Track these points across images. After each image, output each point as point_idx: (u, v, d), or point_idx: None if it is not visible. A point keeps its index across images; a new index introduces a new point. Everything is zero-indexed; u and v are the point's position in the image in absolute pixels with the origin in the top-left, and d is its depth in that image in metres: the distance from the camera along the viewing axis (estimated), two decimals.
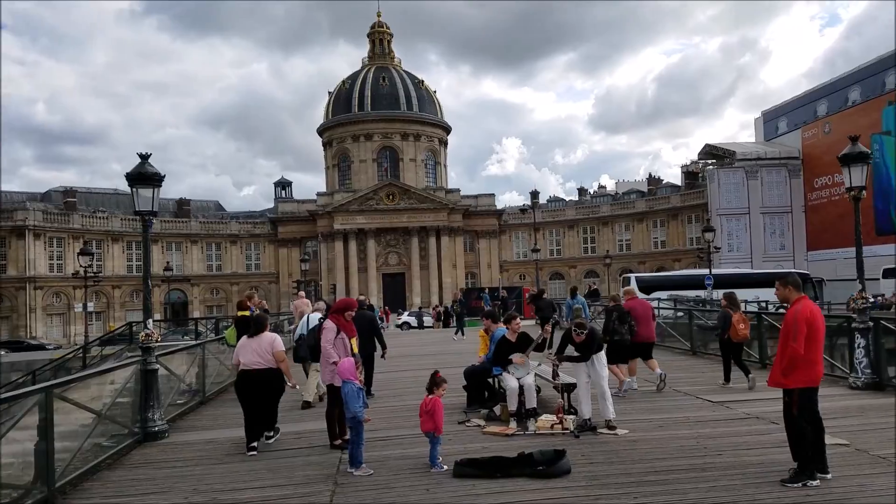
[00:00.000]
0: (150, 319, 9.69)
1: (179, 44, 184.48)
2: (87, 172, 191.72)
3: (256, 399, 8.35)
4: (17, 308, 55.00)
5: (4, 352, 41.64)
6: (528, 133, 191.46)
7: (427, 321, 44.55)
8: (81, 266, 38.23)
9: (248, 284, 61.15)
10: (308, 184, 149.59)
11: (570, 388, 9.00)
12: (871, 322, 10.59)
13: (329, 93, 77.75)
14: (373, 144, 72.03)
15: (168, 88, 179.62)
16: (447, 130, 78.61)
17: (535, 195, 72.29)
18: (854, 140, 11.16)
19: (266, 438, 8.51)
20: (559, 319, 22.68)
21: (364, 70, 75.36)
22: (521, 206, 69.02)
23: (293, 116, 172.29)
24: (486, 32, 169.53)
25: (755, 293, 31.21)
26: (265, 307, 14.84)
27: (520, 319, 9.72)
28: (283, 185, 75.47)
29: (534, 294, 27.05)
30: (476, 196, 72.22)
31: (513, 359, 9.01)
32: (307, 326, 11.28)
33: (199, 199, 77.85)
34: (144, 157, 9.50)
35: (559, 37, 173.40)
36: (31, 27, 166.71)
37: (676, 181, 75.54)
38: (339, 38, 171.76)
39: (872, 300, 19.17)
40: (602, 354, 8.78)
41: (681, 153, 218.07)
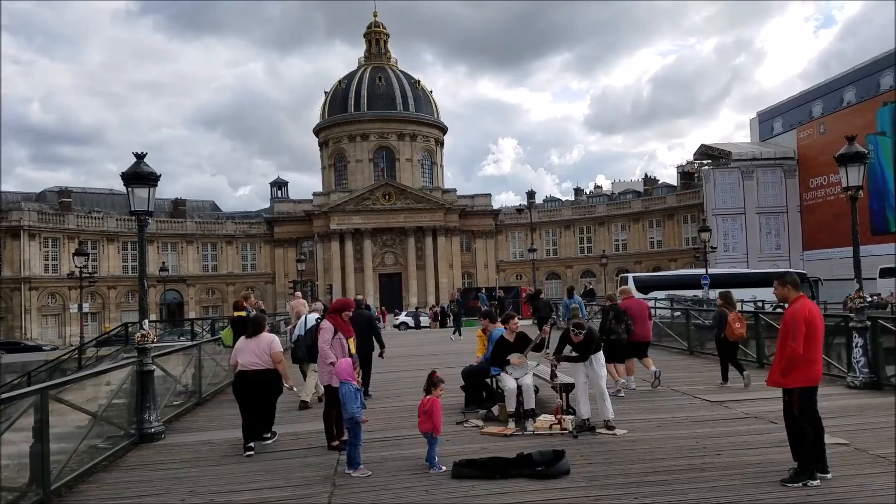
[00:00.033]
0: (146, 320, 9.63)
1: (175, 43, 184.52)
2: (83, 172, 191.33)
3: (254, 400, 8.30)
4: (12, 309, 54.76)
5: (1, 353, 41.42)
6: (524, 133, 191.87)
7: (424, 321, 44.57)
8: (77, 266, 38.12)
9: (244, 285, 60.98)
10: (304, 184, 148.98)
11: (569, 389, 8.98)
12: (869, 321, 10.61)
13: (325, 93, 77.68)
14: (369, 144, 71.95)
15: (164, 88, 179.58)
16: (443, 130, 78.55)
17: (532, 195, 72.34)
18: (851, 140, 11.17)
19: (263, 440, 8.48)
20: (556, 319, 22.70)
21: (360, 70, 75.29)
22: (518, 206, 69.03)
23: (289, 116, 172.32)
24: (482, 33, 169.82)
25: (752, 293, 31.35)
26: (261, 307, 14.80)
27: (518, 319, 9.69)
28: (280, 185, 75.41)
29: (531, 294, 27.07)
30: (472, 196, 72.21)
31: (510, 359, 8.98)
32: (305, 327, 11.24)
33: (195, 200, 77.61)
34: (140, 157, 9.43)
35: (555, 37, 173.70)
36: (27, 26, 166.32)
37: (672, 181, 75.66)
38: (336, 38, 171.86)
39: (870, 300, 19.23)
40: (600, 355, 8.77)
41: (676, 153, 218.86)
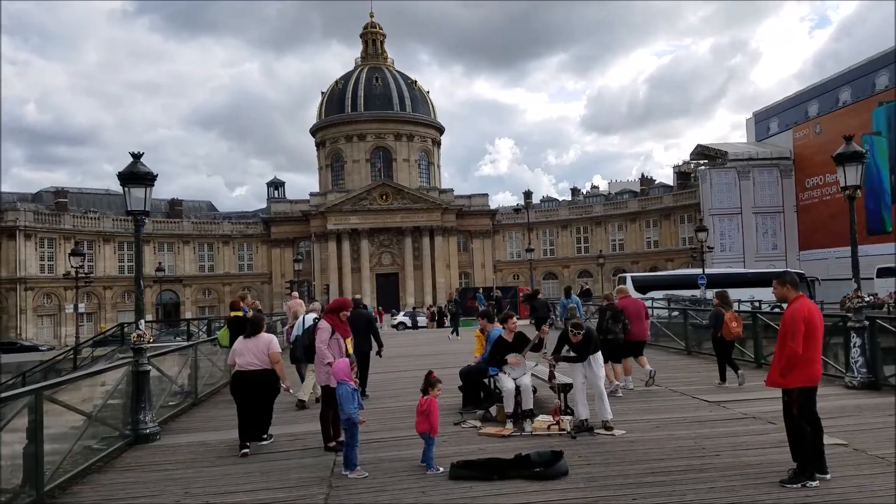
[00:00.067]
0: (143, 320, 9.58)
1: (171, 44, 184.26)
2: (79, 173, 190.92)
3: (252, 400, 8.25)
4: (8, 309, 54.56)
5: None
6: (521, 134, 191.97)
7: (421, 321, 44.55)
8: (72, 267, 37.99)
9: (241, 285, 60.95)
10: (301, 184, 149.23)
11: (567, 389, 8.94)
12: (867, 321, 10.58)
13: (322, 93, 77.57)
14: (366, 145, 71.87)
15: (160, 88, 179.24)
16: (440, 131, 78.51)
17: (529, 195, 71.86)
18: (848, 139, 11.16)
19: (260, 441, 8.42)
20: (554, 319, 22.68)
21: (357, 70, 75.21)
22: (515, 206, 68.91)
23: (285, 116, 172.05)
24: (479, 33, 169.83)
25: (750, 293, 31.41)
26: (258, 307, 14.74)
27: (516, 319, 9.65)
28: (276, 186, 75.34)
29: (528, 294, 27.04)
30: (469, 196, 72.15)
31: (508, 359, 8.94)
32: (303, 327, 11.20)
33: (191, 200, 77.59)
34: (137, 157, 9.38)
35: (551, 37, 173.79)
36: (22, 26, 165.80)
37: (669, 181, 75.67)
38: (332, 39, 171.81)
39: (868, 299, 19.24)
40: (599, 355, 8.73)
41: (672, 154, 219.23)
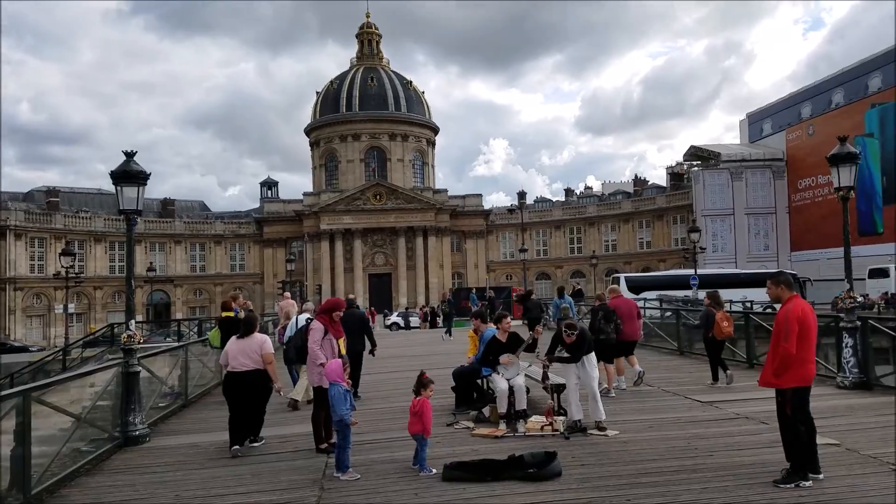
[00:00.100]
0: (133, 321, 9.49)
1: (166, 43, 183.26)
2: (71, 172, 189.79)
3: (244, 401, 8.19)
4: None
5: None
6: (515, 134, 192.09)
7: (414, 321, 44.47)
8: (63, 267, 37.73)
9: (233, 285, 60.62)
10: (294, 184, 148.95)
11: (560, 389, 8.92)
12: (859, 322, 10.60)
13: (317, 93, 77.38)
14: (360, 144, 71.75)
15: (155, 88, 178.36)
16: (435, 131, 78.44)
17: (522, 195, 72.29)
18: (843, 140, 11.17)
19: (250, 442, 8.36)
20: (547, 320, 22.67)
21: (352, 70, 75.07)
22: (509, 207, 69.02)
23: (280, 116, 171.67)
24: (474, 34, 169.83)
25: (743, 293, 31.52)
26: (250, 308, 14.65)
27: (510, 319, 9.62)
28: (270, 185, 75.00)
29: (521, 295, 26.99)
30: (463, 196, 72.10)
31: (500, 359, 8.90)
32: (296, 328, 11.14)
33: (184, 200, 77.16)
34: (130, 155, 9.31)
35: (546, 39, 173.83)
36: (16, 25, 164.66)
37: (662, 182, 75.94)
38: (328, 39, 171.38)
39: (860, 300, 19.29)
40: (592, 355, 8.70)
41: (666, 155, 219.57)
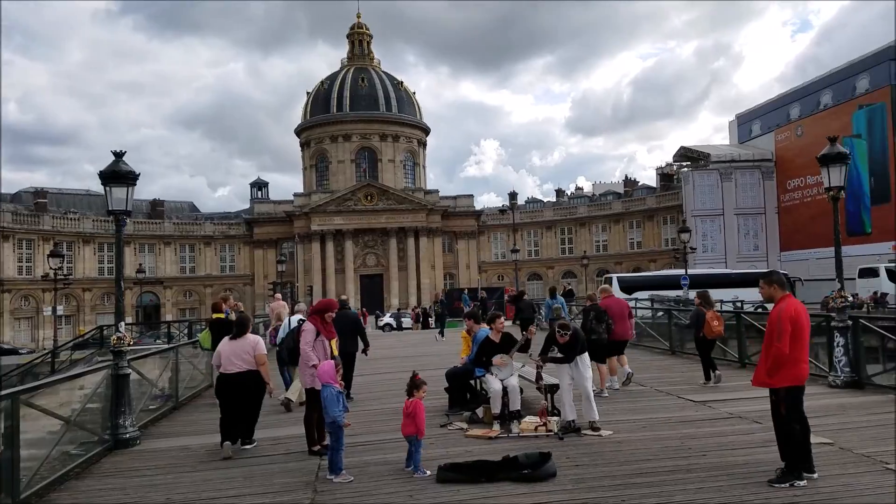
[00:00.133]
0: (123, 322, 9.41)
1: (155, 43, 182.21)
2: (59, 173, 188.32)
3: (237, 402, 8.13)
4: None
5: None
6: (506, 135, 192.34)
7: (406, 322, 44.41)
8: (51, 268, 37.40)
9: (223, 287, 60.32)
10: (285, 184, 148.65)
11: (554, 390, 8.89)
12: (850, 321, 10.64)
13: (307, 93, 77.12)
14: (351, 145, 71.57)
15: (143, 88, 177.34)
16: (426, 132, 78.36)
17: (514, 196, 71.92)
18: (833, 141, 11.21)
19: (242, 444, 8.29)
20: (539, 320, 22.66)
21: (343, 71, 74.88)
22: (500, 207, 68.94)
23: (270, 117, 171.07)
24: (465, 35, 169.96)
25: (734, 293, 31.66)
26: (241, 309, 14.57)
27: (503, 319, 9.59)
28: (260, 186, 74.66)
29: (513, 295, 26.97)
30: (455, 197, 72.01)
31: (493, 360, 8.87)
32: (289, 329, 11.09)
33: (173, 200, 76.72)
34: (119, 155, 9.22)
35: (536, 40, 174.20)
36: (4, 25, 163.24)
37: (652, 183, 76.09)
38: (318, 39, 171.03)
39: (850, 299, 19.41)
40: (586, 356, 8.69)
41: (655, 155, 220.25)
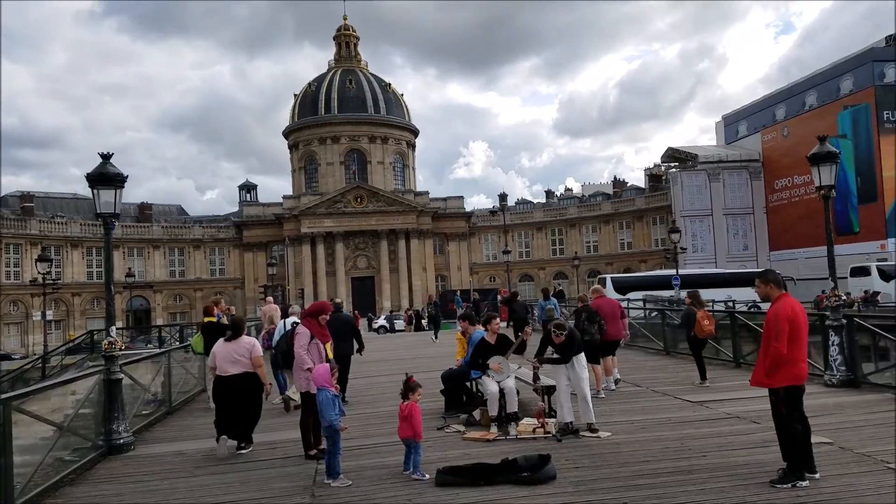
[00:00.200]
0: (113, 327, 9.29)
1: (140, 45, 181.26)
2: (45, 177, 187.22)
3: (235, 405, 8.07)
4: None
5: None
6: (494, 137, 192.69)
7: (399, 324, 44.33)
8: (39, 273, 37.03)
9: (213, 290, 60.16)
10: (273, 187, 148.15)
11: (551, 391, 8.85)
12: (845, 319, 10.65)
13: (295, 95, 76.90)
14: (340, 147, 71.39)
15: (128, 91, 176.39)
16: (415, 133, 78.29)
17: (504, 197, 72.24)
18: (822, 140, 11.24)
19: (238, 449, 8.21)
20: (532, 322, 22.64)
21: (330, 72, 74.72)
22: (491, 209, 69.02)
23: (257, 119, 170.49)
24: (451, 37, 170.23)
25: (727, 292, 31.79)
26: (232, 313, 14.46)
27: (499, 320, 9.54)
28: (248, 189, 74.22)
29: (505, 297, 26.92)
30: (445, 199, 71.96)
31: (490, 365, 8.81)
32: (284, 331, 11.00)
33: (161, 204, 76.24)
34: (106, 157, 9.10)
35: (523, 42, 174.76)
36: None
37: (640, 184, 76.39)
38: (304, 41, 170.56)
39: (844, 298, 19.51)
40: (582, 356, 8.64)
41: (643, 157, 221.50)
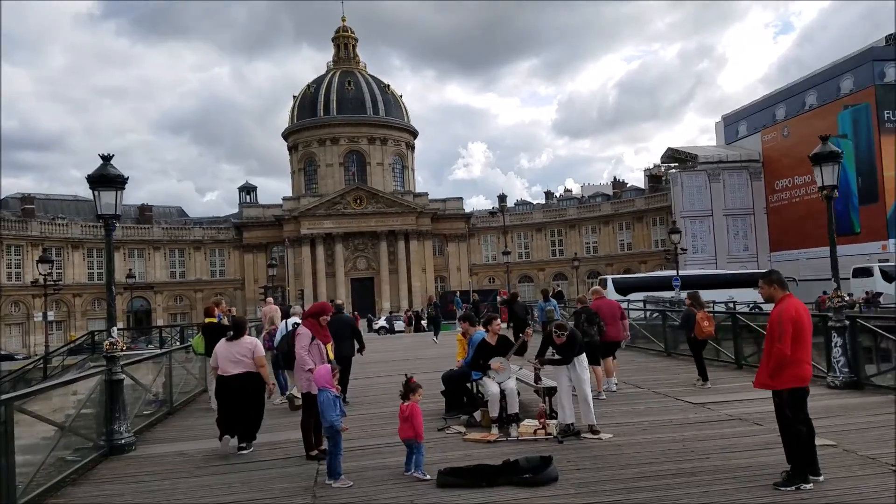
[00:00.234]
0: (115, 328, 9.29)
1: (139, 48, 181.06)
2: (45, 179, 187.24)
3: (238, 405, 8.06)
4: None
5: None
6: (493, 138, 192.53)
7: (398, 325, 44.32)
8: (41, 274, 37.05)
9: (213, 291, 60.16)
10: (273, 188, 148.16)
11: (552, 392, 8.83)
12: (848, 321, 10.61)
13: (294, 97, 76.88)
14: (339, 148, 71.37)
15: (127, 93, 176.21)
16: (414, 135, 78.25)
17: (503, 198, 72.26)
18: (824, 140, 11.23)
19: (239, 450, 8.20)
20: (532, 323, 22.63)
21: (329, 74, 74.69)
22: (490, 210, 69.00)
23: (256, 121, 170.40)
24: (449, 38, 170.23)
25: (728, 293, 31.71)
26: (233, 314, 14.45)
27: (499, 321, 9.53)
28: (248, 190, 74.19)
29: (505, 299, 26.90)
30: (444, 200, 71.93)
31: (491, 364, 8.81)
32: (286, 332, 10.99)
33: (161, 205, 76.19)
34: (107, 159, 9.11)
35: (521, 43, 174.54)
36: None
37: (640, 184, 76.31)
38: (303, 43, 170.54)
39: (846, 299, 19.42)
40: (583, 357, 8.61)
41: (642, 157, 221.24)
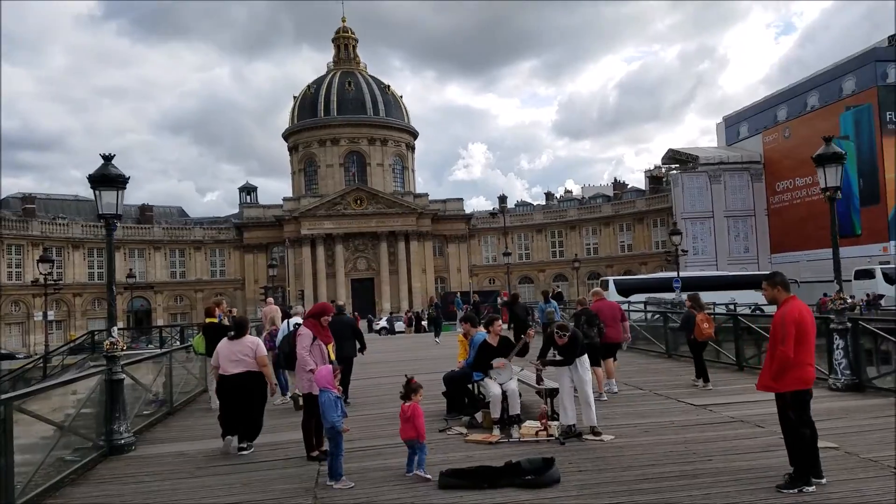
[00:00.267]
0: (115, 327, 9.27)
1: (140, 48, 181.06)
2: (46, 179, 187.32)
3: (240, 404, 8.04)
4: None
5: None
6: (494, 139, 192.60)
7: (399, 326, 44.27)
8: (41, 274, 37.07)
9: (213, 291, 60.20)
10: (273, 189, 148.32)
11: (554, 394, 8.81)
12: (850, 323, 10.58)
13: (294, 97, 76.90)
14: (339, 149, 71.38)
15: (127, 93, 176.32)
16: (414, 135, 78.25)
17: (504, 199, 72.19)
18: (828, 141, 11.19)
19: (239, 450, 8.17)
20: (533, 324, 22.62)
21: (329, 75, 74.70)
22: (490, 211, 68.98)
23: (256, 121, 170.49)
24: (450, 39, 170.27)
25: (730, 295, 31.64)
26: (234, 314, 14.43)
27: (501, 322, 9.51)
28: (248, 191, 74.18)
29: (505, 301, 26.86)
30: (444, 200, 71.91)
31: (493, 363, 8.79)
32: (288, 331, 10.97)
33: (162, 206, 76.19)
34: (108, 158, 9.09)
35: (522, 44, 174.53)
36: None
37: (640, 185, 76.28)
38: (303, 43, 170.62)
39: (849, 301, 19.40)
40: (585, 358, 8.59)
41: (643, 158, 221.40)
